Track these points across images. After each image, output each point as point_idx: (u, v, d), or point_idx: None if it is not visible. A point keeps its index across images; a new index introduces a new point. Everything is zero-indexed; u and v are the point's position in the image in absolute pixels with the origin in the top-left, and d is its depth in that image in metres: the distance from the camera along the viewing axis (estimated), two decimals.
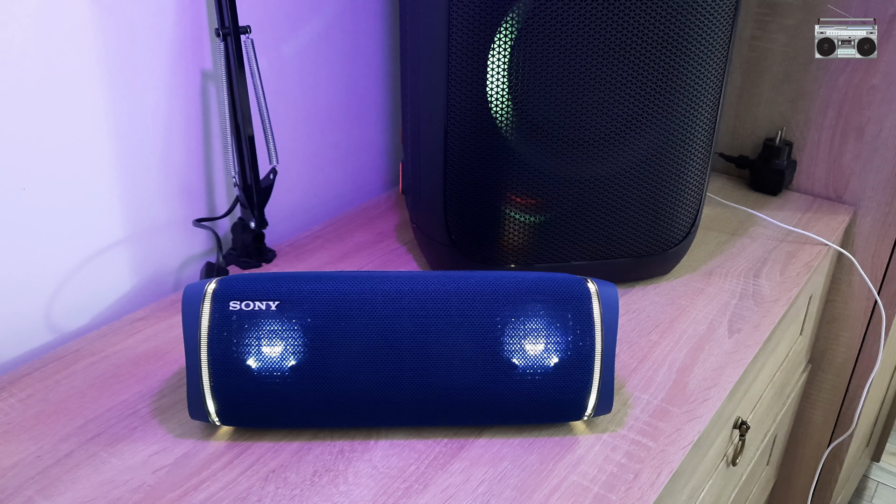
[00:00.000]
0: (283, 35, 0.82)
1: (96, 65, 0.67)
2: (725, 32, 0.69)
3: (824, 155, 1.02)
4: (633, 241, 0.76)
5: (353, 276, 0.56)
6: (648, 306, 0.76)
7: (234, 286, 0.54)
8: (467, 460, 0.56)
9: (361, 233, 0.90)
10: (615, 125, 0.70)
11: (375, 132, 1.00)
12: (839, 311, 1.08)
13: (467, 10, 0.63)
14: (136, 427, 0.58)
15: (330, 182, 0.95)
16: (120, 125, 0.70)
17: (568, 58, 0.65)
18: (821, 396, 1.16)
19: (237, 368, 0.53)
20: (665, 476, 0.55)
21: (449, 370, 0.54)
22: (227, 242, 0.84)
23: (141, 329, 0.70)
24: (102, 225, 0.72)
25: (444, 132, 0.70)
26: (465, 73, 0.66)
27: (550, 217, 0.73)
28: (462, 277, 0.56)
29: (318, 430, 0.58)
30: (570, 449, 0.57)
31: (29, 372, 0.64)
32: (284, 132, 0.87)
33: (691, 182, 0.76)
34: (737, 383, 0.67)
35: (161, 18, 0.70)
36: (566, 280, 0.56)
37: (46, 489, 0.52)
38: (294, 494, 0.52)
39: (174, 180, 0.77)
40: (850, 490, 1.40)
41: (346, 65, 0.91)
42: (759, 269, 0.84)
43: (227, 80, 0.73)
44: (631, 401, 0.63)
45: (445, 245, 0.76)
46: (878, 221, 1.00)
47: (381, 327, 0.54)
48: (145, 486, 0.53)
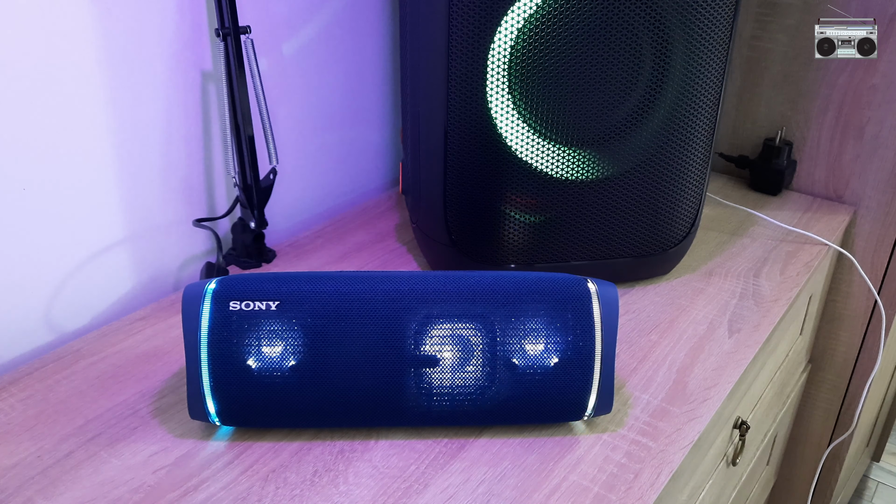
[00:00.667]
0: (283, 35, 0.82)
1: (96, 65, 0.67)
2: (725, 32, 0.69)
3: (824, 155, 1.02)
4: (633, 241, 0.76)
5: (353, 276, 0.56)
6: (648, 306, 0.76)
7: (234, 286, 0.54)
8: (467, 460, 0.56)
9: (361, 233, 0.90)
10: (615, 125, 0.70)
11: (375, 132, 1.00)
12: (839, 310, 1.08)
13: (467, 9, 0.63)
14: (136, 427, 0.58)
15: (330, 182, 0.95)
16: (120, 125, 0.70)
17: (568, 57, 0.65)
18: (821, 396, 1.16)
19: (237, 368, 0.53)
20: (665, 476, 0.55)
21: (449, 370, 0.54)
22: (227, 242, 0.84)
23: (141, 329, 0.70)
24: (102, 225, 0.72)
25: (444, 132, 0.70)
26: (465, 73, 0.66)
27: (550, 217, 0.73)
28: (462, 277, 0.56)
29: (318, 430, 0.58)
30: (570, 449, 0.57)
31: (29, 372, 0.64)
32: (284, 132, 0.87)
33: (691, 182, 0.76)
34: (737, 383, 0.67)
35: (161, 18, 0.70)
36: (566, 280, 0.56)
37: (46, 489, 0.52)
38: (294, 494, 0.52)
39: (174, 180, 0.77)
40: (850, 490, 1.40)
41: (345, 65, 0.91)
42: (759, 269, 0.84)
43: (227, 80, 0.73)
44: (631, 401, 0.63)
45: (445, 245, 0.76)
46: (878, 221, 1.00)
47: (381, 327, 0.54)
48: (145, 486, 0.53)
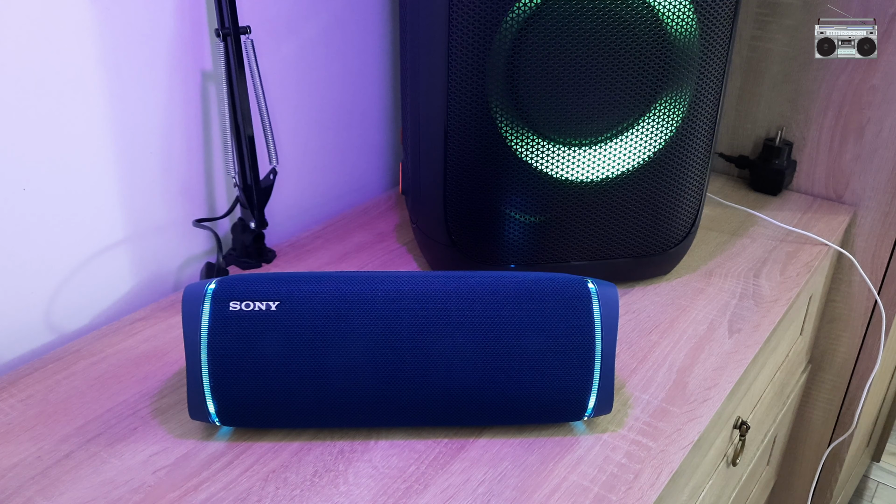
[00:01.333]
0: (282, 35, 0.82)
1: (96, 65, 0.67)
2: (725, 32, 0.69)
3: (824, 155, 1.02)
4: (633, 241, 0.76)
5: (353, 277, 0.56)
6: (648, 306, 0.76)
7: (234, 286, 0.54)
8: (467, 460, 0.56)
9: (361, 233, 0.90)
10: (615, 125, 0.70)
11: (375, 132, 1.00)
12: (839, 311, 1.08)
13: (467, 10, 0.63)
14: (136, 427, 0.58)
15: (330, 182, 0.95)
16: (120, 125, 0.70)
17: (568, 58, 0.65)
18: (821, 396, 1.16)
19: (237, 368, 0.53)
20: (665, 476, 0.55)
21: (449, 370, 0.54)
22: (227, 243, 0.84)
23: (141, 329, 0.70)
24: (102, 225, 0.72)
25: (444, 132, 0.70)
26: (465, 73, 0.66)
27: (550, 217, 0.73)
28: (462, 277, 0.56)
29: (318, 430, 0.58)
30: (570, 449, 0.57)
31: (29, 372, 0.64)
32: (284, 132, 0.87)
33: (691, 182, 0.76)
34: (737, 383, 0.67)
35: (161, 18, 0.70)
36: (566, 280, 0.56)
37: (46, 489, 0.52)
38: (294, 495, 0.52)
39: (174, 180, 0.77)
40: (850, 490, 1.40)
41: (346, 65, 0.91)
42: (759, 270, 0.84)
43: (227, 80, 0.73)
44: (631, 401, 0.63)
45: (445, 245, 0.76)
46: (878, 221, 1.00)
47: (381, 327, 0.54)
48: (145, 486, 0.53)
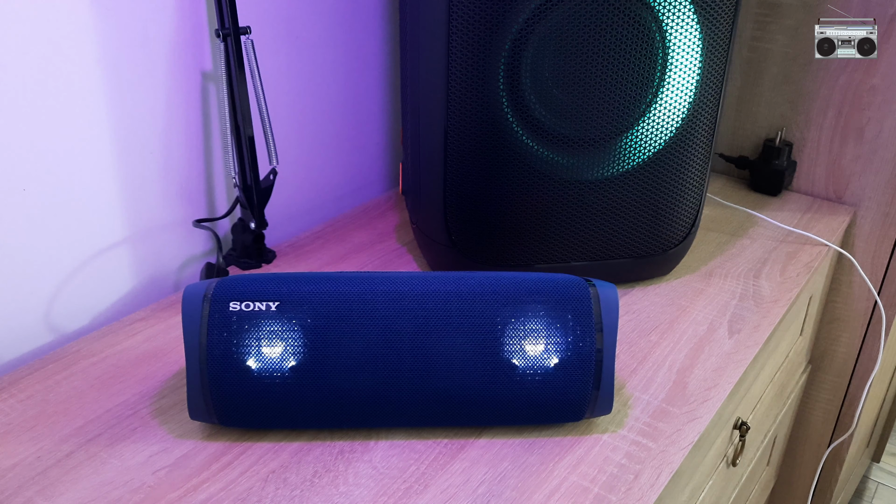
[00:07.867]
0: (282, 35, 0.82)
1: (96, 65, 0.67)
2: (725, 32, 0.69)
3: (824, 155, 1.02)
4: (633, 241, 0.76)
5: (353, 277, 0.56)
6: (648, 307, 0.76)
7: (234, 287, 0.54)
8: (467, 461, 0.56)
9: (361, 233, 0.90)
10: (614, 125, 0.70)
11: (375, 132, 1.00)
12: (839, 311, 1.08)
13: (467, 10, 0.63)
14: (136, 428, 0.58)
15: (330, 182, 0.95)
16: (120, 125, 0.70)
17: (567, 57, 0.65)
18: (821, 397, 1.16)
19: (237, 369, 0.53)
20: (665, 477, 0.55)
21: (449, 371, 0.54)
22: (227, 243, 0.84)
23: (141, 330, 0.70)
24: (102, 225, 0.72)
25: (444, 132, 0.70)
26: (465, 73, 0.66)
27: (551, 217, 0.73)
28: (462, 278, 0.56)
29: (318, 431, 0.58)
30: (570, 449, 0.57)
31: (29, 372, 0.64)
32: (284, 132, 0.87)
33: (691, 182, 0.76)
34: (737, 384, 0.67)
35: (161, 19, 0.70)
36: (566, 280, 0.56)
37: (46, 490, 0.52)
38: (294, 495, 0.52)
39: (174, 181, 0.77)
40: (850, 491, 1.40)
41: (345, 65, 0.91)
42: (759, 270, 0.84)
43: (227, 80, 0.73)
44: (631, 401, 0.63)
45: (445, 246, 0.76)
46: (878, 222, 1.00)
47: (381, 327, 0.54)
48: (145, 486, 0.53)
